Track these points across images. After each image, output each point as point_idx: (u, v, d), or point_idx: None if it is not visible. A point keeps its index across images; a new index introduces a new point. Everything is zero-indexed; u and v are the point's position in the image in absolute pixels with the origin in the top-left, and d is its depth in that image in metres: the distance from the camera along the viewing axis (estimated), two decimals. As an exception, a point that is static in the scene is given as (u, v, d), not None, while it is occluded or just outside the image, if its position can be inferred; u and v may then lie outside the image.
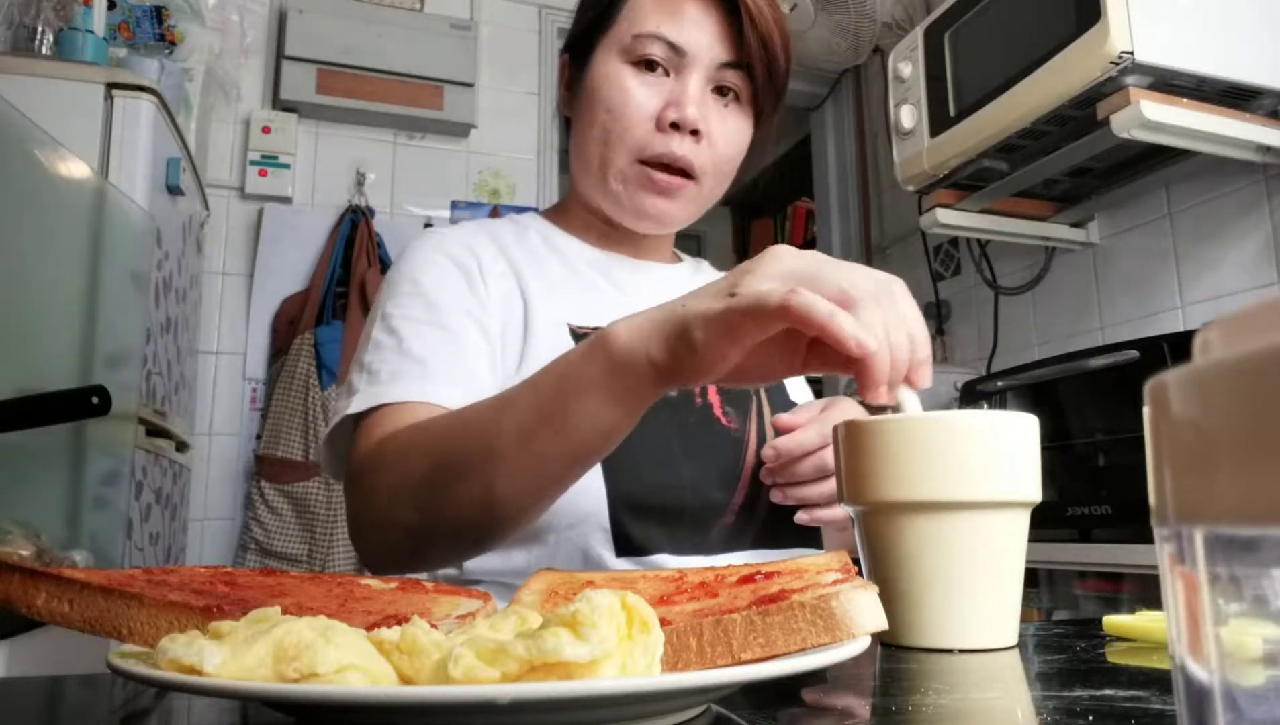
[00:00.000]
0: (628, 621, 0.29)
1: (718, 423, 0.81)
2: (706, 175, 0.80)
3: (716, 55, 0.78)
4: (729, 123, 0.81)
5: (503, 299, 0.81)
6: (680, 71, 0.78)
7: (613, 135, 0.78)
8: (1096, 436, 1.55)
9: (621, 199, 0.81)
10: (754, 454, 0.81)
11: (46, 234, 1.26)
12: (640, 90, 0.78)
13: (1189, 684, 0.16)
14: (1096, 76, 1.39)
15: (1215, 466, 0.14)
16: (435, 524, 0.64)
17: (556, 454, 0.58)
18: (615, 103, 0.78)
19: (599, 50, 0.81)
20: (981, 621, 0.50)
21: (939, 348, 2.44)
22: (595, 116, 0.80)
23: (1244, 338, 0.15)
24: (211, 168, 2.45)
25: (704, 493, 0.77)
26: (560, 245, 0.89)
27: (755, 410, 0.84)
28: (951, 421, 0.50)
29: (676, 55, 0.78)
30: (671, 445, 0.78)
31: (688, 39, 0.77)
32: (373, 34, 2.58)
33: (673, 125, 0.77)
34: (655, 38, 0.77)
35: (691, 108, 0.77)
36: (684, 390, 0.80)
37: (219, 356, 2.45)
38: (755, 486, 0.79)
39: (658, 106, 0.78)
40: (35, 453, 1.16)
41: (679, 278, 0.92)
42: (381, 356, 0.75)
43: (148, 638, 0.34)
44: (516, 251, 0.86)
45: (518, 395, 0.60)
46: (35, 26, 1.68)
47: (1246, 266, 1.64)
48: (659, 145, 0.78)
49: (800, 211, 4.14)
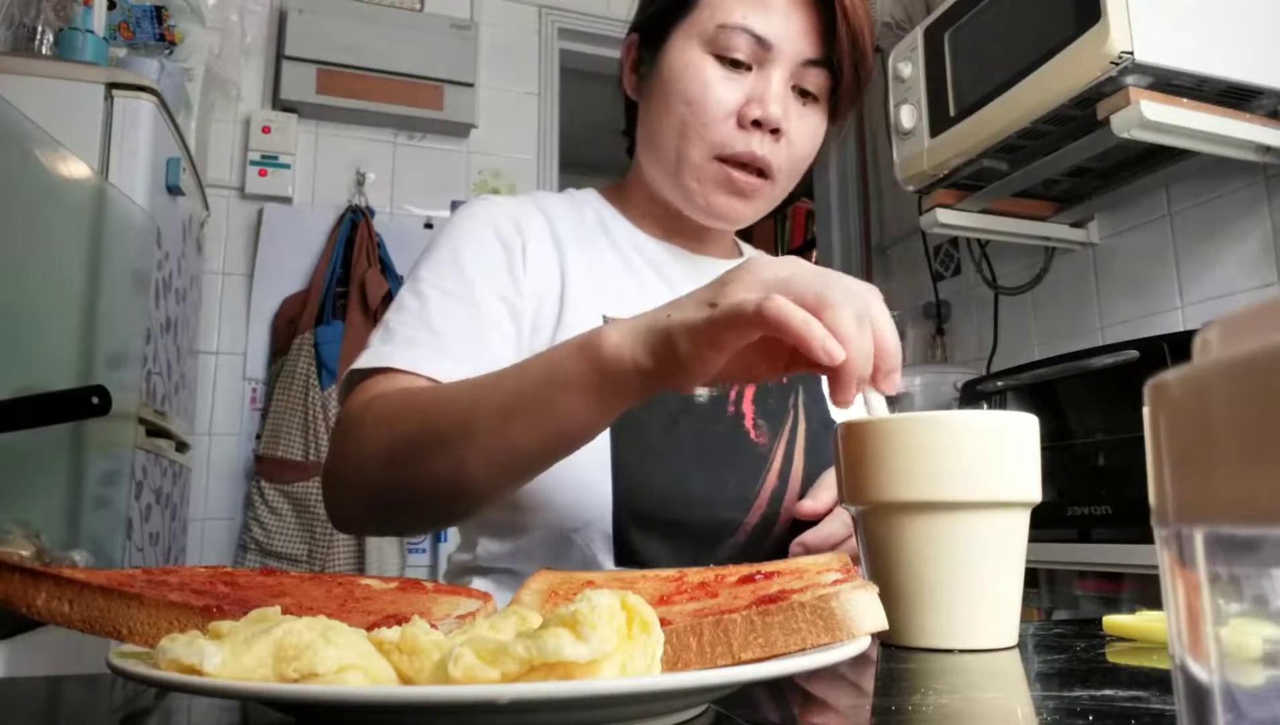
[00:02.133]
0: (628, 621, 0.29)
1: (746, 436, 0.78)
2: (782, 175, 0.78)
3: (802, 51, 0.75)
4: (808, 121, 0.78)
5: (540, 281, 0.78)
6: (763, 66, 0.75)
7: (691, 129, 0.75)
8: (1096, 436, 1.55)
9: (695, 196, 0.78)
10: (777, 475, 0.78)
11: (46, 234, 1.26)
12: (722, 84, 0.75)
13: (1189, 684, 0.16)
14: (1096, 76, 1.39)
15: (1215, 467, 0.14)
16: (401, 492, 0.64)
17: (531, 442, 0.58)
18: (695, 95, 0.75)
19: (677, 36, 0.77)
20: (981, 621, 0.50)
21: (939, 347, 2.44)
22: (672, 107, 0.76)
23: (1244, 338, 0.15)
24: (211, 168, 2.45)
25: (715, 510, 0.74)
26: (615, 229, 0.86)
27: (790, 425, 0.81)
28: (951, 421, 0.50)
29: (761, 48, 0.74)
30: (689, 456, 0.75)
31: (775, 32, 0.74)
32: (373, 34, 2.58)
33: (754, 123, 0.74)
34: (741, 29, 0.74)
35: (775, 105, 0.74)
36: (716, 397, 0.79)
37: (219, 356, 2.45)
38: (774, 508, 0.76)
39: (739, 102, 0.75)
40: (35, 453, 1.16)
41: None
42: (402, 318, 0.74)
43: (148, 638, 0.34)
44: (566, 231, 0.83)
45: (503, 378, 0.60)
46: (35, 26, 1.68)
47: (1246, 266, 1.64)
48: (739, 143, 0.75)
49: (800, 211, 4.14)
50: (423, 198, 2.68)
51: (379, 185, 2.65)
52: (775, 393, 0.82)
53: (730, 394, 0.80)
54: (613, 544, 0.72)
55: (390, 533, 0.74)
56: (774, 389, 0.82)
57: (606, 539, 0.72)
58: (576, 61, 2.95)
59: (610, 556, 0.73)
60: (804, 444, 0.80)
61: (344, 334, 2.37)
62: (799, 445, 0.80)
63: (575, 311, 0.77)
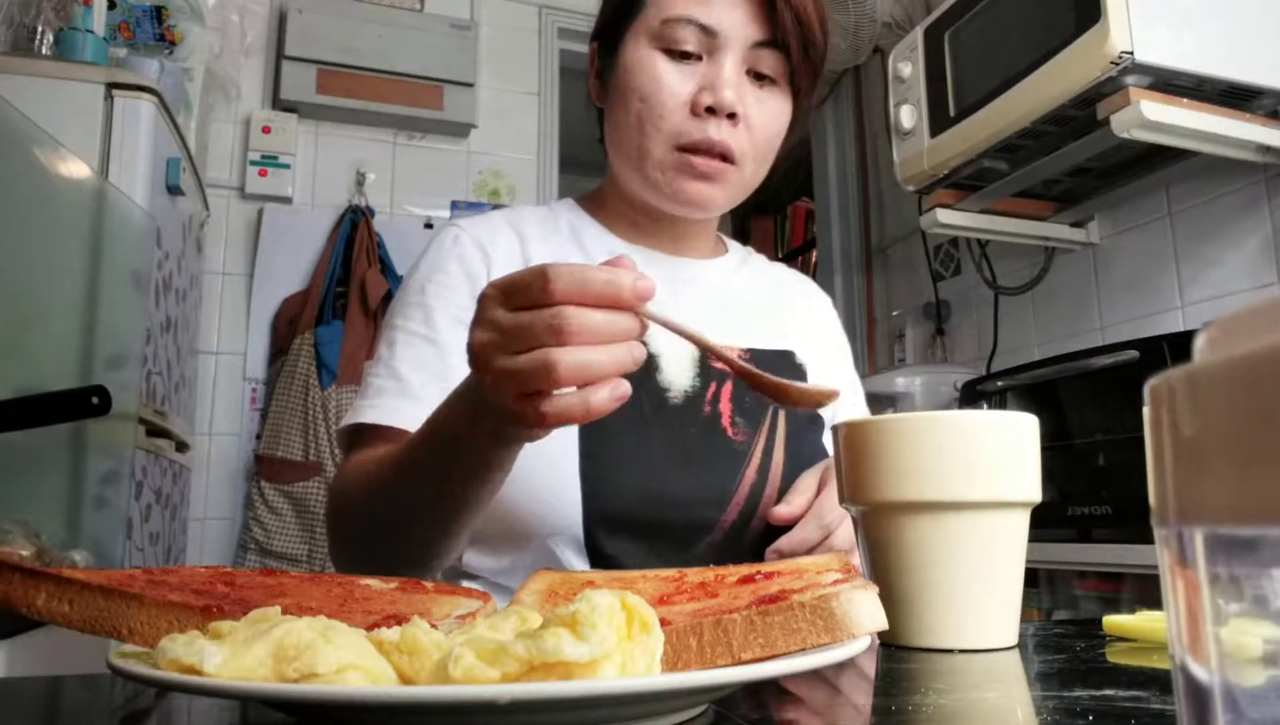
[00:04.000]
0: (628, 621, 0.29)
1: (722, 434, 0.79)
2: (746, 159, 0.78)
3: (749, 35, 0.76)
4: (766, 104, 0.78)
5: None
6: (713, 54, 0.76)
7: (648, 123, 0.76)
8: (1096, 436, 1.55)
9: (661, 186, 0.79)
10: (756, 470, 0.78)
11: (46, 234, 1.26)
12: (673, 76, 0.76)
13: (1189, 684, 0.16)
14: (1096, 76, 1.39)
15: (1215, 467, 0.14)
16: (388, 558, 0.69)
17: (461, 500, 0.61)
18: (649, 90, 0.76)
19: (628, 37, 0.79)
20: (981, 621, 0.50)
21: (939, 347, 2.44)
22: (629, 104, 0.78)
23: (1244, 338, 0.15)
24: (211, 168, 2.45)
25: (691, 510, 0.75)
26: (588, 239, 0.86)
27: (769, 421, 0.81)
28: (951, 421, 0.50)
29: (708, 37, 0.75)
30: (661, 458, 0.75)
31: (719, 19, 0.75)
32: (373, 34, 2.58)
33: (708, 110, 0.75)
34: (686, 21, 0.75)
35: (727, 91, 0.74)
36: (691, 398, 0.79)
37: (219, 356, 2.45)
38: (752, 504, 0.77)
39: (692, 91, 0.76)
40: (35, 453, 1.16)
41: (715, 273, 0.89)
42: (375, 370, 0.78)
43: (148, 638, 0.34)
44: (537, 247, 0.84)
45: (412, 457, 0.62)
46: (35, 26, 1.68)
47: (1246, 266, 1.64)
48: (696, 131, 0.75)
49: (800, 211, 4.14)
50: (423, 198, 2.68)
51: (379, 185, 2.65)
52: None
53: (707, 393, 0.80)
54: (585, 550, 0.73)
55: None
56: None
57: (578, 545, 0.73)
58: (576, 61, 2.95)
59: (585, 563, 0.74)
60: (784, 438, 0.80)
61: (344, 334, 2.37)
62: (779, 440, 0.80)
63: None
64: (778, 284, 0.96)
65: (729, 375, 0.80)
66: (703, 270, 0.89)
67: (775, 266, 1.01)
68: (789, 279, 0.99)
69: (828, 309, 0.99)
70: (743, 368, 0.54)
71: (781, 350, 0.86)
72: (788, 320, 0.90)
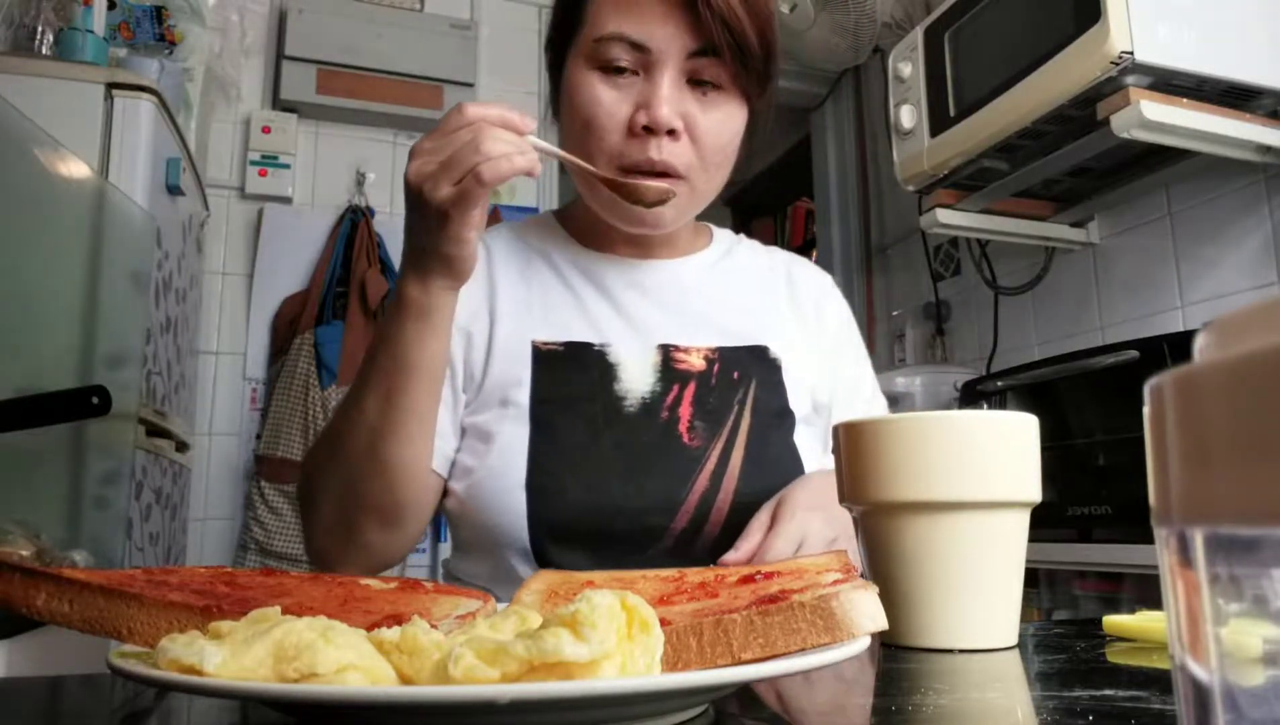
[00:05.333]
0: (628, 621, 0.29)
1: (678, 440, 0.77)
2: (694, 172, 0.76)
3: (684, 46, 0.73)
4: (712, 114, 0.76)
5: (469, 318, 0.80)
6: (649, 70, 0.74)
7: (590, 146, 0.75)
8: (1096, 436, 1.55)
9: (610, 208, 0.78)
10: (709, 476, 0.77)
11: (46, 234, 1.26)
12: (609, 96, 0.74)
13: (1189, 684, 0.16)
14: (1096, 76, 1.39)
15: (1215, 467, 0.14)
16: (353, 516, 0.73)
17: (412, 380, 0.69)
18: (588, 112, 0.75)
19: (569, 57, 0.78)
20: (981, 621, 0.50)
21: (939, 347, 2.44)
22: (574, 128, 0.77)
23: (1244, 338, 0.15)
24: (211, 168, 2.45)
25: (640, 517, 0.74)
26: (555, 251, 0.86)
27: (731, 423, 0.80)
28: (951, 421, 0.50)
29: (641, 53, 0.73)
30: (611, 466, 0.75)
31: (650, 34, 0.73)
32: (373, 34, 2.58)
33: (646, 129, 0.73)
34: (616, 39, 0.73)
35: (664, 108, 0.72)
36: (648, 404, 0.78)
37: (219, 356, 2.45)
38: (703, 510, 0.75)
39: (629, 111, 0.74)
40: (35, 453, 1.16)
41: (687, 271, 0.88)
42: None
43: (148, 638, 0.34)
44: (502, 264, 0.84)
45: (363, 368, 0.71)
46: (35, 26, 1.68)
47: (1246, 266, 1.64)
48: (636, 152, 0.74)
49: (800, 211, 4.14)
50: (423, 198, 2.68)
51: (379, 185, 2.65)
52: (720, 390, 0.80)
53: (666, 398, 0.79)
54: (533, 559, 0.73)
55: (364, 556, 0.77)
56: (720, 386, 0.81)
57: (527, 555, 0.73)
58: (576, 61, 2.95)
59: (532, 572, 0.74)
60: (745, 441, 0.79)
61: (344, 334, 2.37)
62: (738, 443, 0.79)
63: (503, 340, 0.80)
64: (762, 273, 0.92)
65: (692, 377, 0.80)
66: (672, 271, 0.87)
67: (765, 253, 0.96)
68: (777, 265, 0.94)
69: (825, 292, 0.94)
70: (600, 174, 0.73)
71: (753, 345, 0.84)
72: (765, 313, 0.88)
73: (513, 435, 0.75)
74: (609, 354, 0.80)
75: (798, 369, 0.85)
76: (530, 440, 0.75)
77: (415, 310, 0.67)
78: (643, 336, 0.82)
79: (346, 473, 0.72)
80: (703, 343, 0.82)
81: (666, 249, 0.88)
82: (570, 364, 0.79)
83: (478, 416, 0.78)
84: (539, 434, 0.75)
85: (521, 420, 0.76)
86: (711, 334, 0.84)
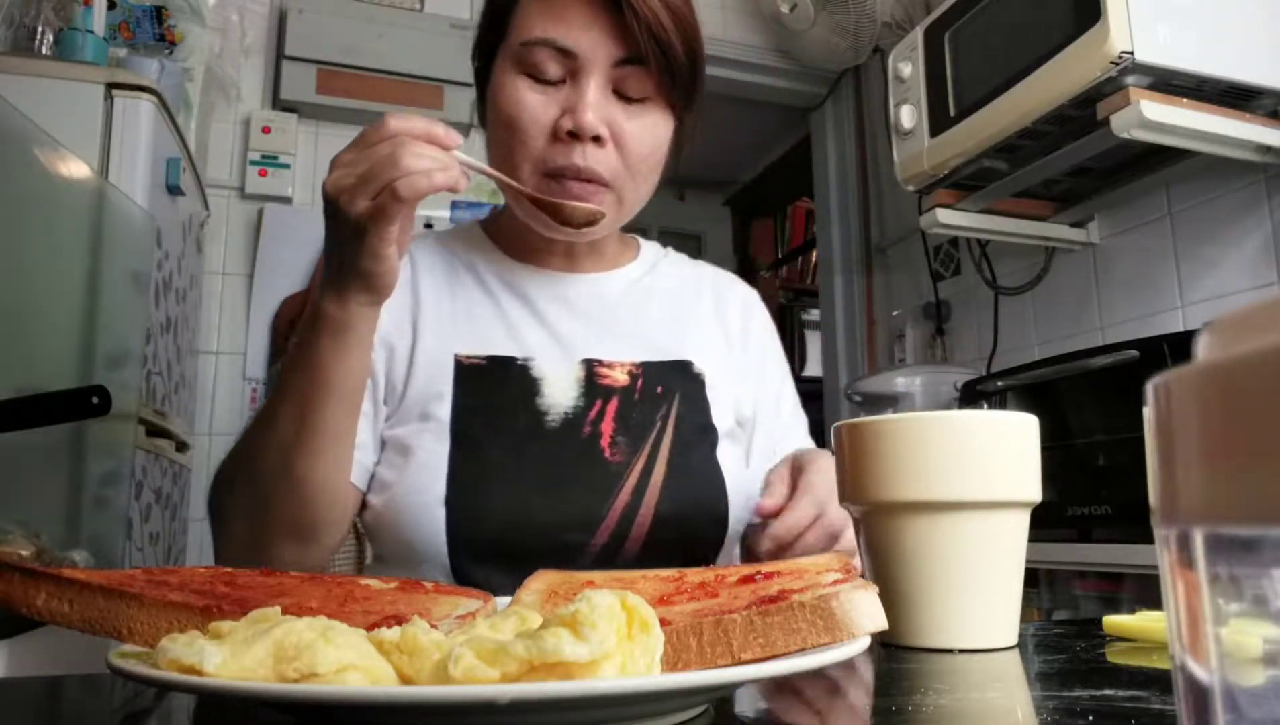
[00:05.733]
0: (628, 621, 0.29)
1: (600, 456, 0.77)
2: (620, 179, 0.75)
3: (610, 53, 0.73)
4: (637, 121, 0.75)
5: (392, 331, 0.80)
6: (575, 76, 0.73)
7: (515, 151, 0.74)
8: (1096, 436, 1.55)
9: (533, 214, 0.77)
10: (630, 491, 0.76)
11: (46, 234, 1.26)
12: (535, 101, 0.74)
13: (1189, 684, 0.16)
14: (1096, 76, 1.39)
15: (1215, 466, 0.14)
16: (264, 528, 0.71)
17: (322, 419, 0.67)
18: (512, 116, 0.74)
19: (496, 61, 0.77)
20: (981, 621, 0.50)
21: (939, 347, 2.44)
22: (498, 132, 0.76)
23: (1244, 338, 0.15)
24: (211, 168, 2.45)
25: (560, 534, 0.73)
26: (481, 262, 0.86)
27: (654, 437, 0.79)
28: (951, 421, 0.50)
29: (568, 59, 0.73)
30: (530, 482, 0.74)
31: (576, 41, 0.72)
32: (373, 34, 2.58)
33: (570, 134, 0.72)
34: (543, 43, 0.73)
35: (588, 114, 0.72)
36: (571, 420, 0.77)
37: (219, 356, 2.45)
38: (624, 526, 0.75)
39: (554, 116, 0.73)
40: (35, 453, 1.16)
41: (611, 286, 0.87)
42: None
43: (148, 638, 0.34)
44: (427, 277, 0.83)
45: (280, 383, 0.69)
46: (35, 26, 1.68)
47: (1246, 266, 1.64)
48: (560, 157, 0.73)
49: (800, 211, 4.14)
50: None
51: (379, 185, 2.65)
52: (644, 405, 0.80)
53: (589, 414, 0.78)
54: (452, 575, 0.73)
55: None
56: (643, 401, 0.80)
57: (445, 571, 0.73)
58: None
59: None
60: (667, 456, 0.78)
61: (344, 334, 2.37)
62: (660, 458, 0.78)
63: (425, 354, 0.79)
64: (687, 288, 0.92)
65: (615, 392, 0.80)
66: (596, 285, 0.86)
67: (691, 267, 0.96)
68: (699, 279, 0.94)
69: (750, 307, 0.94)
70: (528, 193, 0.72)
71: (677, 361, 0.84)
72: (690, 328, 0.88)
73: (432, 450, 0.74)
74: (532, 368, 0.80)
75: (721, 384, 0.85)
76: (450, 456, 0.74)
77: (332, 326, 0.65)
78: (566, 351, 0.81)
79: (259, 489, 0.70)
80: (626, 358, 0.82)
81: (593, 262, 0.88)
82: (493, 378, 0.78)
83: (397, 430, 0.77)
84: (459, 449, 0.74)
85: (442, 435, 0.75)
86: (635, 349, 0.83)
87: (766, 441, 0.89)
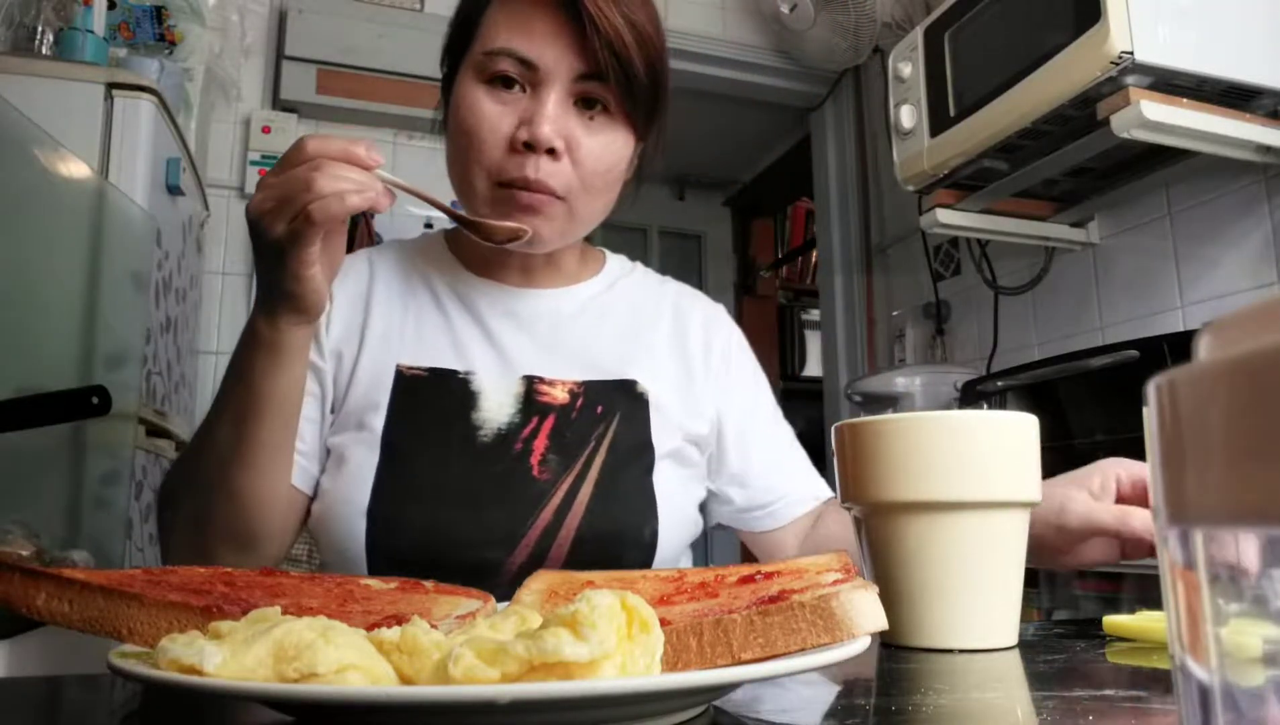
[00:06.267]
0: (628, 622, 0.29)
1: (527, 473, 0.76)
2: (574, 193, 0.75)
3: (572, 67, 0.73)
4: (596, 137, 0.75)
5: (340, 339, 0.80)
6: (536, 87, 0.73)
7: (471, 159, 0.74)
8: (1096, 436, 1.55)
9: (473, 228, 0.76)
10: (553, 511, 0.75)
11: (46, 234, 1.26)
12: (494, 110, 0.74)
13: (1189, 684, 0.16)
14: (1096, 76, 1.39)
15: (1216, 466, 0.14)
16: (206, 534, 0.72)
17: (257, 433, 0.69)
18: (470, 125, 0.74)
19: (460, 70, 0.77)
20: (981, 621, 0.50)
21: (939, 347, 2.44)
22: (456, 140, 0.76)
23: (1244, 338, 0.15)
24: (211, 168, 2.45)
25: (478, 550, 0.73)
26: (437, 275, 0.85)
27: (585, 457, 0.78)
28: (951, 421, 0.50)
29: (530, 71, 0.73)
30: (454, 496, 0.74)
31: (539, 52, 0.72)
32: (373, 34, 2.58)
33: (526, 146, 0.72)
34: (505, 54, 0.73)
35: (545, 126, 0.71)
36: (504, 435, 0.77)
37: (219, 356, 2.45)
38: (544, 545, 0.74)
39: (511, 126, 0.73)
40: (35, 453, 1.16)
41: (565, 302, 0.86)
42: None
43: (148, 638, 0.34)
44: (381, 286, 0.83)
45: (218, 395, 0.72)
46: (35, 26, 1.68)
47: (1246, 266, 1.64)
48: (514, 169, 0.73)
49: (800, 211, 4.15)
50: (423, 198, 2.68)
51: (379, 185, 2.65)
52: (580, 424, 0.79)
53: (523, 431, 0.77)
54: None
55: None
56: (580, 420, 0.79)
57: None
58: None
59: None
60: (596, 476, 0.77)
61: (344, 334, 2.37)
62: (589, 478, 0.77)
63: (367, 364, 0.79)
64: (646, 305, 0.90)
65: (553, 410, 0.79)
66: (551, 301, 0.85)
67: (656, 285, 0.94)
68: (660, 298, 0.92)
69: (713, 323, 0.92)
70: (448, 210, 0.72)
71: (620, 380, 0.82)
72: (640, 347, 0.86)
73: (362, 460, 0.75)
74: (471, 382, 0.79)
75: (669, 404, 0.83)
76: (378, 467, 0.74)
77: (264, 344, 0.66)
78: (509, 366, 0.80)
79: (199, 498, 0.71)
80: (569, 376, 0.81)
81: (549, 277, 0.87)
82: (431, 390, 0.78)
83: (335, 438, 0.78)
84: (387, 461, 0.75)
85: (373, 446, 0.75)
86: (579, 367, 0.82)
87: (739, 453, 0.88)
